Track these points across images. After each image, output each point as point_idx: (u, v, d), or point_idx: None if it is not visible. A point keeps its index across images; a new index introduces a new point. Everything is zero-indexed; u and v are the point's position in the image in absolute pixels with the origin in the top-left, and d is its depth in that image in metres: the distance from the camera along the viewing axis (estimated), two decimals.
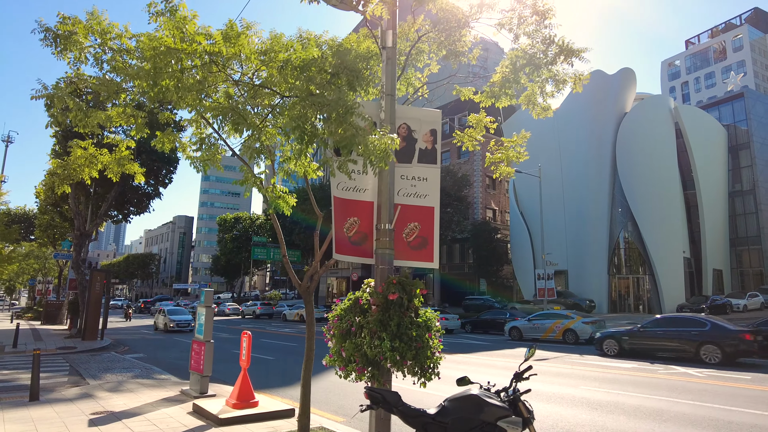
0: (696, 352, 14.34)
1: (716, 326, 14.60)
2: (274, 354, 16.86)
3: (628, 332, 16.49)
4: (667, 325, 15.92)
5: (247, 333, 7.90)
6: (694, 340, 14.56)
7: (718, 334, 14.29)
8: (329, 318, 5.42)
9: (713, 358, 13.99)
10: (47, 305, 32.75)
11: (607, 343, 16.75)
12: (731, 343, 13.91)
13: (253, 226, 67.52)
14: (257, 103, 5.14)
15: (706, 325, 14.74)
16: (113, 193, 21.50)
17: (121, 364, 13.69)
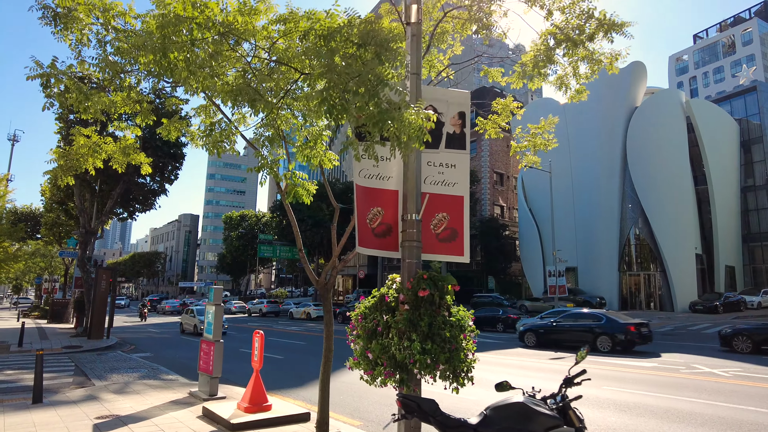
0: (594, 341, 16.66)
1: (610, 320, 17.09)
2: (283, 353, 16.49)
3: (544, 326, 19.06)
4: (573, 319, 18.45)
5: (259, 332, 7.50)
6: (593, 332, 17.02)
7: (610, 326, 16.75)
8: (352, 317, 4.98)
9: (606, 347, 16.44)
10: (53, 304, 32.54)
11: (527, 336, 19.32)
12: (619, 334, 16.35)
13: (258, 224, 67.27)
14: (274, 80, 4.70)
15: (602, 319, 17.29)
16: (118, 190, 21.16)
17: (128, 363, 13.34)
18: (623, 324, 16.64)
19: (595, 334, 16.87)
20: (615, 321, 16.94)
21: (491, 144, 48.54)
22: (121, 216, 26.05)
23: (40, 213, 42.29)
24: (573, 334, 17.85)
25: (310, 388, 9.99)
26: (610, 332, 16.57)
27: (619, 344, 16.24)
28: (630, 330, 16.30)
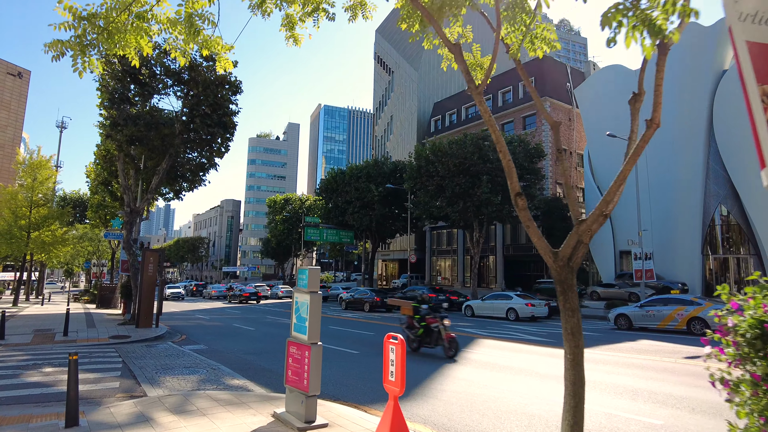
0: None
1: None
2: (355, 346, 14.15)
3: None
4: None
5: (396, 338, 5.02)
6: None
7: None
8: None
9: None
10: (101, 288, 31.55)
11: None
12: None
13: (302, 207, 65.66)
14: None
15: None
16: (164, 165, 19.22)
17: (182, 360, 11.24)
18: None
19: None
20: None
21: (553, 116, 44.64)
22: (167, 196, 24.28)
23: (88, 198, 41.76)
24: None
25: (421, 402, 7.52)
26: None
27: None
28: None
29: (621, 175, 4.18)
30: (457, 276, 50.71)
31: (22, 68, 64.30)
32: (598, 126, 40.98)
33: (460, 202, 32.29)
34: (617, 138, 37.62)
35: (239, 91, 19.13)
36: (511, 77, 50.07)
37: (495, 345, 14.79)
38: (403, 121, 65.21)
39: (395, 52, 69.18)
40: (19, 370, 9.90)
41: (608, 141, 39.99)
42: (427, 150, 35.36)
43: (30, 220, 29.62)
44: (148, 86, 17.62)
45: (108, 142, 22.05)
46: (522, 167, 33.14)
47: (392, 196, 45.37)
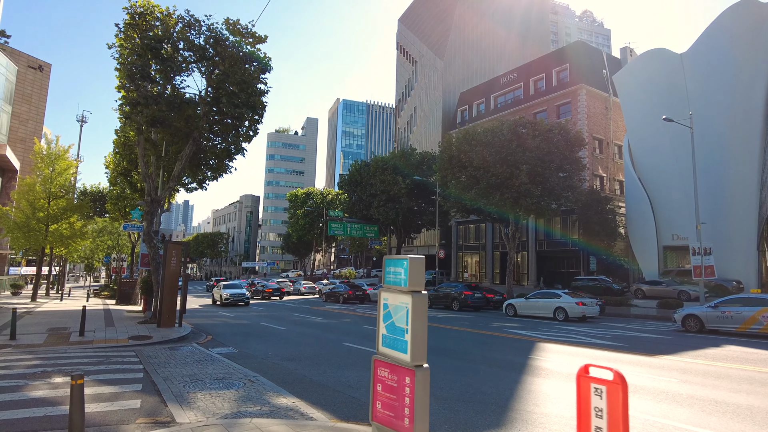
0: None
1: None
2: None
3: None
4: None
5: (611, 372, 3.27)
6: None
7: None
8: None
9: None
10: (121, 284, 30.35)
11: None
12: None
13: (324, 201, 64.12)
14: None
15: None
16: (187, 151, 17.66)
17: (212, 369, 9.60)
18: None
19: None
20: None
21: (589, 105, 42.43)
22: (189, 186, 22.78)
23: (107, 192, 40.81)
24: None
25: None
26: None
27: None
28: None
29: None
30: (485, 272, 48.67)
31: (43, 61, 63.76)
32: (639, 114, 38.53)
33: (496, 194, 30.26)
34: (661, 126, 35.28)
35: (268, 68, 17.45)
36: (543, 64, 47.70)
37: (562, 350, 12.89)
38: (427, 113, 63.18)
39: (419, 41, 67.12)
40: (24, 381, 8.35)
41: (650, 130, 37.56)
42: (459, 139, 33.38)
43: (48, 212, 28.49)
44: (170, 61, 16.02)
45: (127, 127, 20.62)
46: (563, 156, 30.99)
47: (419, 189, 43.49)
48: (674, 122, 32.80)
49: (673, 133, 35.34)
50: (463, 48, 62.43)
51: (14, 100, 52.15)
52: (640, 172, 38.39)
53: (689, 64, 35.32)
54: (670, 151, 35.97)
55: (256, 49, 17.20)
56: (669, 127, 35.51)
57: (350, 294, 35.09)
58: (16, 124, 55.83)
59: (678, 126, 33.91)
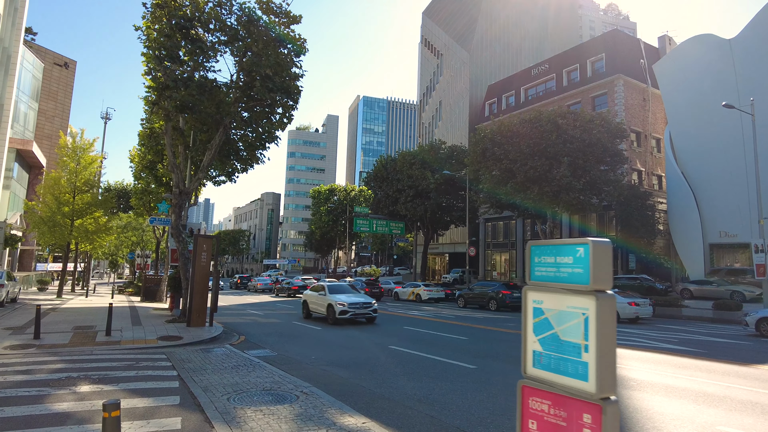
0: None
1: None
2: (458, 355, 11.07)
3: None
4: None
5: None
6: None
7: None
8: None
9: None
10: (146, 280, 29.66)
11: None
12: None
13: (347, 197, 63.07)
14: None
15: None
16: (218, 140, 16.62)
17: (254, 376, 8.45)
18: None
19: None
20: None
21: (626, 96, 40.46)
22: (218, 179, 21.82)
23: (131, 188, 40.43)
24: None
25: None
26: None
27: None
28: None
29: None
30: (516, 271, 47.02)
31: (68, 58, 63.99)
32: (682, 104, 36.54)
33: (534, 188, 28.72)
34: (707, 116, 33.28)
35: (304, 51, 16.29)
36: (577, 54, 45.78)
37: (637, 357, 11.47)
38: (453, 106, 61.62)
39: (444, 33, 65.54)
40: (47, 389, 7.31)
41: (695, 120, 35.52)
42: (492, 131, 31.87)
43: (73, 207, 27.91)
44: (201, 42, 14.97)
45: (154, 116, 19.73)
46: (604, 148, 29.29)
47: (447, 184, 42.06)
48: (724, 111, 30.84)
49: (721, 122, 33.31)
50: (490, 40, 60.69)
51: (40, 97, 52.25)
52: (683, 166, 36.40)
53: (739, 50, 33.26)
54: (717, 142, 33.92)
55: (290, 30, 16.06)
56: (716, 117, 33.50)
57: (366, 291, 34.35)
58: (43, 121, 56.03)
59: (727, 115, 31.90)
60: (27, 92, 44.03)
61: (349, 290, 20.32)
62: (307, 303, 20.84)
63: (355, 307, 18.04)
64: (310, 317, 20.44)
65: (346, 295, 19.01)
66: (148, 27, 15.53)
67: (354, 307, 18.02)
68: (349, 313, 17.88)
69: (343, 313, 17.86)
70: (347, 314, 17.88)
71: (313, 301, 20.32)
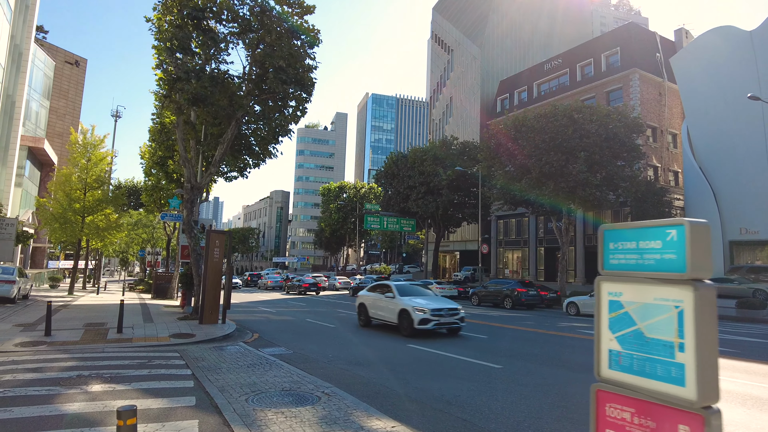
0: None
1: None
2: (478, 353, 10.66)
3: None
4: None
5: None
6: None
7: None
8: None
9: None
10: (157, 277, 29.51)
11: None
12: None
13: (357, 195, 62.73)
14: None
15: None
16: (230, 134, 16.31)
17: (272, 375, 8.10)
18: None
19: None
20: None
21: (642, 91, 39.69)
22: (229, 175, 21.54)
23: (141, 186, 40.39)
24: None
25: None
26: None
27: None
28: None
29: None
30: (528, 269, 46.42)
31: (79, 57, 64.22)
32: (700, 98, 35.75)
33: (550, 183, 28.16)
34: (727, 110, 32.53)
35: (317, 42, 15.92)
36: (591, 49, 45.04)
37: None
38: (464, 102, 61.02)
39: (454, 29, 64.92)
40: (57, 388, 7.00)
41: (714, 115, 34.73)
42: (507, 126, 31.33)
43: (84, 204, 27.81)
44: (213, 33, 14.65)
45: (165, 110, 19.47)
46: (621, 143, 28.66)
47: (459, 181, 41.55)
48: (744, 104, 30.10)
49: (741, 116, 32.53)
50: (502, 35, 60.00)
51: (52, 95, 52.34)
52: (701, 161, 35.63)
53: (760, 42, 32.43)
54: (737, 137, 33.13)
55: (303, 21, 15.70)
56: (736, 111, 32.73)
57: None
58: (54, 119, 56.21)
59: (748, 109, 31.14)
60: (39, 90, 44.11)
61: (423, 291, 16.10)
62: (365, 307, 16.51)
63: (438, 314, 13.74)
64: (369, 325, 16.40)
65: (424, 299, 14.83)
66: (159, 18, 15.24)
67: (437, 315, 13.71)
68: (431, 322, 13.59)
69: (424, 323, 13.58)
70: (429, 324, 13.60)
71: (375, 305, 15.97)
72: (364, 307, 16.59)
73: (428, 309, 13.71)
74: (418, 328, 13.60)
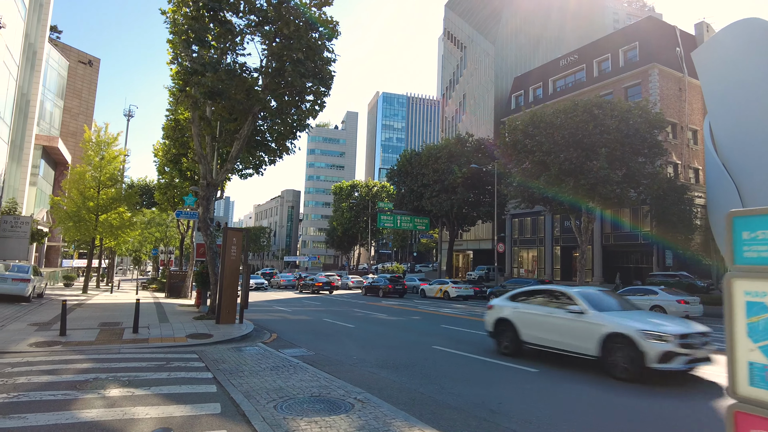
0: None
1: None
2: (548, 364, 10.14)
3: None
4: None
5: None
6: None
7: None
8: None
9: None
10: (170, 276, 29.30)
11: None
12: None
13: (369, 193, 62.33)
14: None
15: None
16: (246, 130, 15.93)
17: (298, 379, 7.66)
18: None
19: None
20: None
21: (661, 86, 38.83)
22: (244, 172, 21.18)
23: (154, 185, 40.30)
24: None
25: None
26: None
27: None
28: None
29: None
30: (544, 268, 45.66)
31: (92, 56, 64.43)
32: (723, 93, 34.78)
33: (570, 180, 27.50)
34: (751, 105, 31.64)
35: (336, 34, 15.48)
36: (608, 44, 44.19)
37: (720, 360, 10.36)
38: (477, 100, 60.34)
39: (467, 25, 64.23)
40: (73, 392, 6.61)
41: (737, 110, 33.76)
42: (524, 122, 30.67)
43: (98, 202, 27.65)
44: (229, 24, 14.26)
45: (180, 106, 19.17)
46: (642, 139, 27.91)
47: (474, 179, 40.96)
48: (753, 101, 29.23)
49: (766, 111, 31.60)
50: (516, 31, 59.22)
51: (65, 94, 52.49)
52: (724, 158, 34.69)
53: None
54: (762, 132, 32.18)
55: (321, 12, 15.27)
56: (761, 105, 31.80)
57: (390, 288, 33.97)
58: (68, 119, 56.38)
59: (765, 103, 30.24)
60: (53, 90, 44.20)
61: (627, 303, 10.27)
62: (512, 326, 10.63)
63: (688, 343, 8.17)
64: (520, 353, 10.55)
65: (645, 316, 9.22)
66: (175, 11, 14.88)
67: (687, 344, 8.12)
68: (679, 357, 7.93)
69: (667, 358, 7.89)
70: (675, 360, 7.92)
71: (537, 324, 10.08)
72: (510, 325, 10.70)
73: (670, 334, 8.00)
74: (657, 367, 7.86)
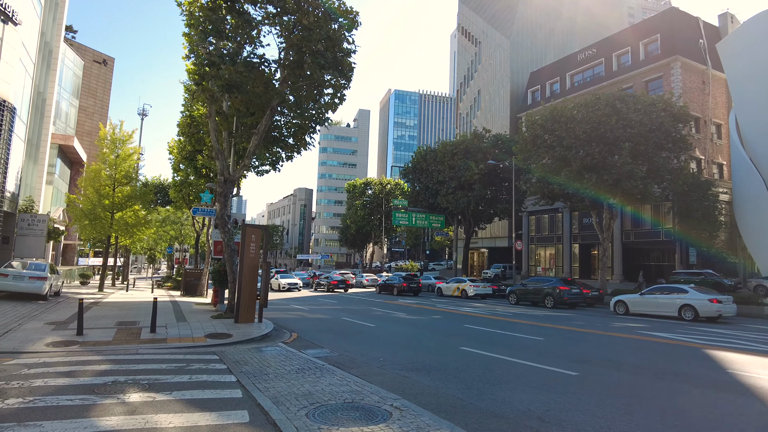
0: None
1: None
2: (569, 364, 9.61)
3: None
4: None
5: None
6: None
7: None
8: None
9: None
10: (186, 274, 29.11)
11: None
12: None
13: (383, 191, 61.85)
14: None
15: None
16: (264, 124, 15.54)
17: (326, 383, 7.22)
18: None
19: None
20: None
21: (684, 79, 37.81)
22: (261, 169, 20.81)
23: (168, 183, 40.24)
24: None
25: None
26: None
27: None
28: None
29: None
30: (562, 266, 44.85)
31: (107, 56, 64.74)
32: (750, 86, 33.69)
33: (592, 176, 26.79)
34: None
35: (356, 25, 15.01)
36: (628, 37, 43.19)
37: (750, 362, 9.75)
38: (492, 95, 59.54)
39: (482, 20, 63.40)
40: (92, 396, 6.24)
41: (762, 103, 32.71)
42: (543, 117, 29.97)
43: (113, 200, 27.55)
44: (247, 15, 13.87)
45: (196, 101, 18.85)
46: (667, 133, 27.10)
47: (491, 175, 40.29)
48: None
49: None
50: (531, 25, 58.29)
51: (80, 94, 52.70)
52: (752, 153, 33.64)
53: None
54: None
55: (341, 2, 14.81)
56: None
57: (404, 286, 33.63)
58: (83, 118, 56.69)
59: None
60: (68, 90, 44.32)
61: None
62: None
63: None
64: None
65: None
66: (191, 2, 14.52)
67: None
68: None
69: None
70: None
71: None
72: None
73: None
74: None
